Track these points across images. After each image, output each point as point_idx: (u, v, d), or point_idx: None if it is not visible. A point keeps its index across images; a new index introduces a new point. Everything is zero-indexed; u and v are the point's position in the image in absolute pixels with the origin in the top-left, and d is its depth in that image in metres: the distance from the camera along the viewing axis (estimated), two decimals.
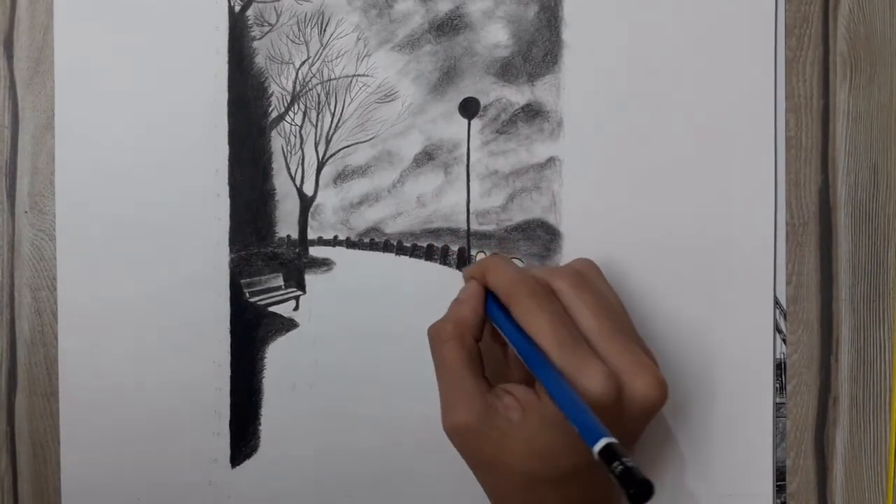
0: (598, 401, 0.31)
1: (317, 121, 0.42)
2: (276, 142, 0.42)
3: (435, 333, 0.36)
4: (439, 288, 0.42)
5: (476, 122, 0.42)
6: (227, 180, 0.42)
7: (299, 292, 0.42)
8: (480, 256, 0.42)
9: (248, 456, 0.42)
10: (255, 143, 0.42)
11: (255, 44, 0.42)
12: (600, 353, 0.33)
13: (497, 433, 0.33)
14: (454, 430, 0.33)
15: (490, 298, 0.36)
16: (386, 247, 0.43)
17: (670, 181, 0.41)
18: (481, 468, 0.35)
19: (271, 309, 0.42)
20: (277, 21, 0.42)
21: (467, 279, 0.38)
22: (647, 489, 0.26)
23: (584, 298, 0.34)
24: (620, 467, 0.26)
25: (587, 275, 0.36)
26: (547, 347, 0.32)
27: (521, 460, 0.33)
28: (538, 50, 0.42)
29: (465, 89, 0.42)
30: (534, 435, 0.32)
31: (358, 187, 0.43)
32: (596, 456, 0.27)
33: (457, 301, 0.37)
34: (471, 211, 0.42)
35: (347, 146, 0.43)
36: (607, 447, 0.27)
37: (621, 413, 0.32)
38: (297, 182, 0.43)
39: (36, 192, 0.43)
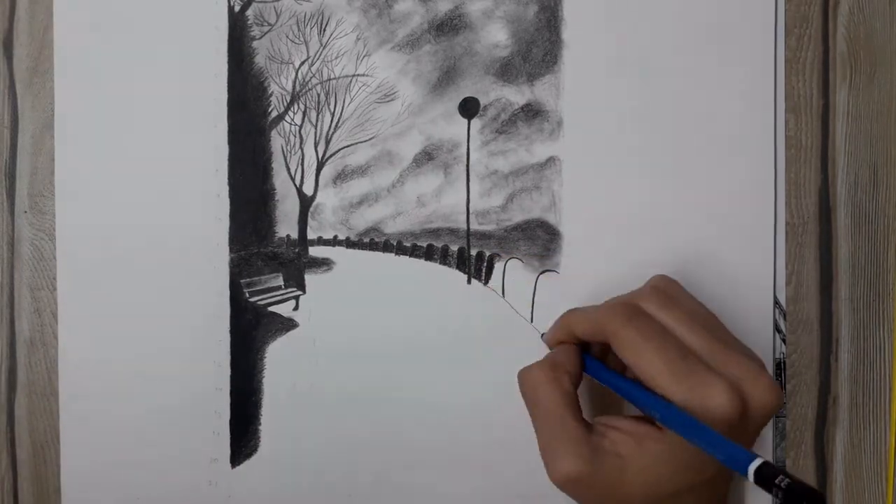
0: (729, 418, 0.31)
1: (316, 121, 0.42)
2: (276, 142, 0.42)
3: (529, 377, 0.35)
4: (439, 288, 0.42)
5: (476, 122, 0.42)
6: (227, 180, 0.42)
7: (299, 292, 0.42)
8: (487, 255, 0.42)
9: (248, 456, 0.42)
10: (255, 143, 0.42)
11: (255, 44, 0.42)
12: (712, 365, 0.32)
13: (611, 473, 0.32)
14: (565, 481, 0.33)
15: (589, 360, 0.36)
16: (386, 247, 0.43)
17: (670, 181, 0.41)
18: None
19: (271, 309, 0.42)
20: (277, 21, 0.42)
21: (553, 345, 0.37)
22: (819, 498, 0.25)
23: (678, 316, 0.34)
24: (786, 481, 0.26)
25: (670, 291, 0.35)
26: (659, 375, 0.32)
27: (642, 489, 0.32)
28: (538, 50, 0.42)
29: (465, 89, 0.42)
30: (655, 462, 0.32)
31: (358, 187, 0.43)
32: (751, 480, 0.27)
33: (550, 354, 0.37)
34: (470, 211, 0.42)
35: (347, 146, 0.43)
36: (761, 468, 0.27)
37: (746, 423, 0.32)
38: (297, 182, 0.43)
39: (36, 192, 0.43)
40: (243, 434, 0.42)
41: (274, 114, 0.42)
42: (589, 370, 0.36)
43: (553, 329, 0.38)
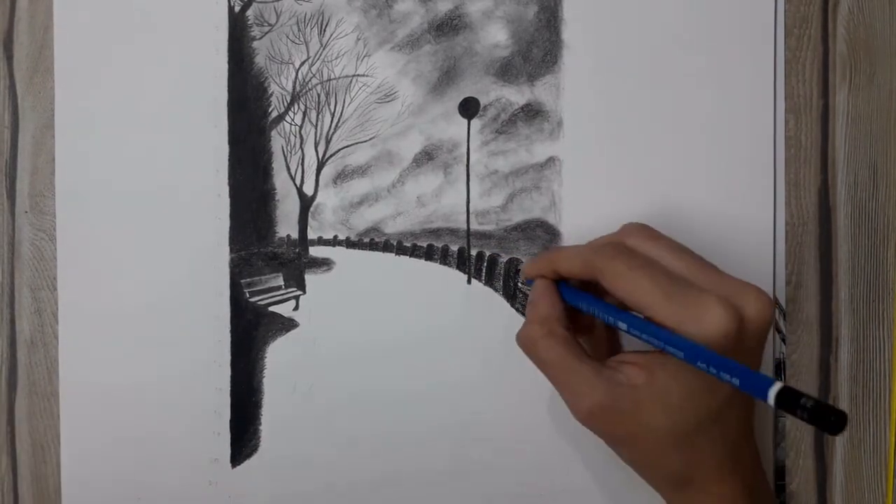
0: (726, 331, 0.31)
1: (317, 121, 0.42)
2: (276, 142, 0.42)
3: (524, 338, 0.35)
4: (439, 288, 0.42)
5: (476, 122, 0.42)
6: (227, 180, 0.42)
7: (299, 292, 0.42)
8: (485, 255, 0.42)
9: (248, 456, 0.42)
10: (255, 143, 0.42)
11: (255, 44, 0.42)
12: (701, 286, 0.32)
13: (629, 402, 0.32)
14: (588, 415, 0.33)
15: (565, 290, 0.36)
16: (386, 247, 0.43)
17: (670, 181, 0.41)
18: (625, 443, 0.34)
19: (271, 309, 0.42)
20: (277, 21, 0.42)
21: (531, 275, 0.37)
22: (842, 418, 0.25)
23: (663, 244, 0.34)
24: (810, 403, 0.26)
25: (646, 229, 0.36)
26: (654, 301, 0.32)
27: (662, 418, 0.32)
28: (538, 50, 0.42)
29: (465, 89, 0.42)
30: (667, 389, 0.32)
31: (358, 187, 0.43)
32: (772, 404, 0.27)
33: (531, 303, 0.37)
34: (470, 211, 0.42)
35: (347, 146, 0.43)
36: (782, 392, 0.26)
37: (743, 341, 0.32)
38: (297, 182, 0.43)
39: (36, 192, 0.43)
40: (243, 434, 0.42)
41: (274, 114, 0.42)
42: (571, 301, 0.36)
43: (535, 262, 0.37)
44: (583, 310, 0.36)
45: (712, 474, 0.34)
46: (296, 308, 0.42)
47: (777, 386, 0.27)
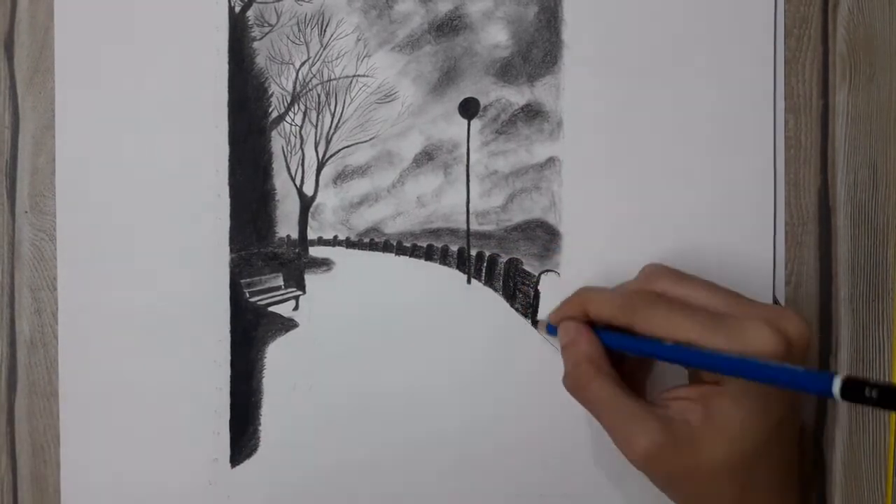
0: (774, 351, 0.31)
1: (317, 121, 0.43)
2: (277, 142, 0.42)
3: (575, 380, 0.35)
4: (439, 288, 0.42)
5: (476, 123, 0.42)
6: (227, 180, 0.42)
7: (299, 292, 0.42)
8: (485, 255, 0.42)
9: (248, 456, 0.42)
10: (256, 144, 0.42)
11: (256, 44, 0.42)
12: (741, 316, 0.32)
13: (686, 438, 0.32)
14: (644, 456, 0.33)
15: (602, 333, 0.36)
16: (386, 247, 0.43)
17: (670, 181, 0.41)
18: (682, 481, 0.33)
19: (271, 309, 0.42)
20: (278, 21, 0.42)
21: (558, 321, 0.37)
22: None
23: (693, 284, 0.34)
24: (875, 390, 0.26)
25: (670, 270, 0.36)
26: (700, 337, 0.31)
27: (721, 450, 0.32)
28: (538, 50, 0.42)
29: (465, 90, 0.42)
30: (724, 419, 0.32)
31: (358, 187, 0.43)
32: (837, 397, 0.27)
33: (567, 346, 0.36)
34: (470, 211, 0.42)
35: (347, 146, 0.43)
36: (846, 383, 0.26)
37: (790, 360, 0.32)
38: (298, 182, 0.43)
39: (36, 192, 0.43)
40: (243, 434, 0.42)
41: (274, 114, 0.43)
42: (616, 345, 0.36)
43: (564, 305, 0.37)
44: (629, 352, 0.35)
45: (765, 499, 0.33)
46: (296, 308, 0.42)
47: (839, 378, 0.27)
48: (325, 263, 0.43)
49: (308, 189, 0.43)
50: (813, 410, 0.42)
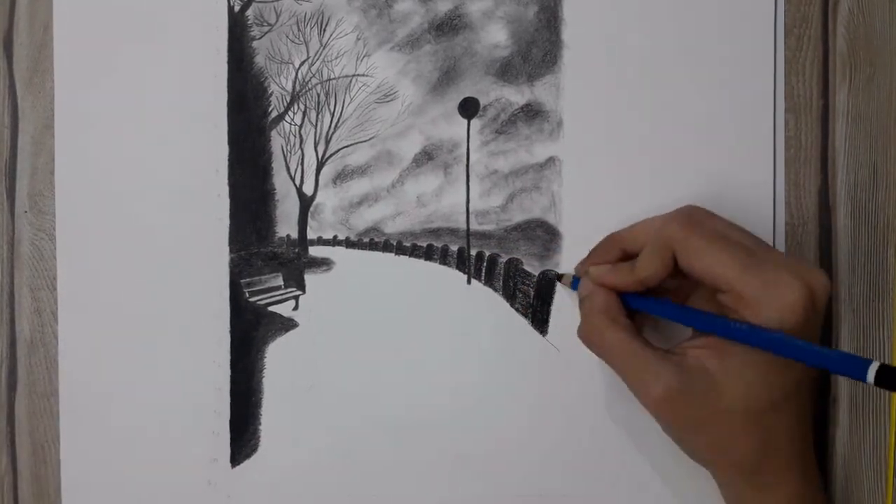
0: (805, 305, 0.31)
1: (316, 121, 0.42)
2: (276, 142, 0.42)
3: (589, 332, 0.36)
4: (439, 288, 0.42)
5: (476, 122, 0.42)
6: (227, 180, 0.42)
7: (299, 292, 0.42)
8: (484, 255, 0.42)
9: (248, 456, 0.42)
10: (255, 143, 0.42)
11: (255, 44, 0.42)
12: (773, 260, 0.32)
13: (702, 385, 0.32)
14: (659, 401, 0.33)
15: (627, 297, 0.36)
16: (386, 247, 0.43)
17: (670, 181, 0.41)
18: (696, 429, 0.34)
19: (271, 309, 0.42)
20: (277, 21, 0.42)
21: (597, 261, 0.38)
22: None
23: (724, 221, 0.34)
24: None
25: (701, 210, 0.36)
26: (733, 276, 0.32)
27: (737, 399, 0.32)
28: (538, 50, 0.42)
29: (465, 89, 0.42)
30: (740, 369, 0.32)
31: (357, 187, 0.43)
32: (871, 383, 0.28)
33: (583, 301, 0.37)
34: (470, 211, 0.42)
35: (347, 146, 0.43)
36: (882, 370, 0.27)
37: (813, 314, 0.32)
38: (297, 182, 0.43)
39: (36, 192, 0.43)
40: (243, 434, 0.42)
41: (274, 114, 0.42)
42: (645, 308, 0.36)
43: (594, 252, 0.38)
44: (651, 313, 0.36)
45: (782, 459, 0.34)
46: (295, 308, 0.42)
47: (875, 365, 0.28)
48: (324, 263, 0.43)
49: (308, 189, 0.43)
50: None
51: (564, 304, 0.41)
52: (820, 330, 0.34)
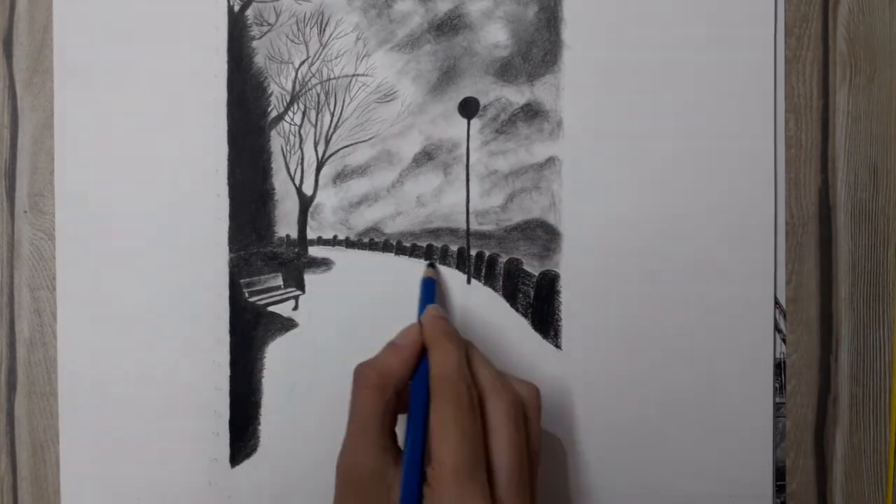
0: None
1: (316, 120, 0.42)
2: (276, 141, 0.42)
3: (358, 377, 0.35)
4: (439, 288, 0.42)
5: (475, 122, 0.42)
6: (226, 180, 0.42)
7: (299, 292, 0.42)
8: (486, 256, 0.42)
9: (248, 456, 0.42)
10: (255, 143, 0.42)
11: (255, 43, 0.42)
12: (498, 496, 0.32)
13: (385, 489, 0.33)
14: (347, 470, 0.34)
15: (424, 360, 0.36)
16: (385, 247, 0.43)
17: (670, 181, 0.41)
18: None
19: (271, 309, 0.42)
20: (277, 21, 0.42)
21: (421, 324, 0.37)
22: None
23: (511, 437, 0.33)
24: None
25: (527, 408, 0.35)
26: (441, 462, 0.32)
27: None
28: (538, 50, 0.42)
29: (465, 89, 0.42)
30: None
31: (357, 187, 0.43)
32: None
33: (392, 345, 0.36)
34: (470, 211, 0.42)
35: (347, 146, 0.43)
36: None
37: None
38: (297, 182, 0.42)
39: (36, 192, 0.43)
40: (243, 434, 0.42)
41: (273, 114, 0.42)
42: (421, 367, 0.36)
43: (428, 320, 0.37)
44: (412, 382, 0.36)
45: None
46: (295, 308, 0.42)
47: None
48: (324, 263, 0.43)
49: (307, 189, 0.43)
50: (813, 410, 0.42)
51: (564, 304, 0.41)
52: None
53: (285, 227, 0.43)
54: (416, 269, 0.42)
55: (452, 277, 0.42)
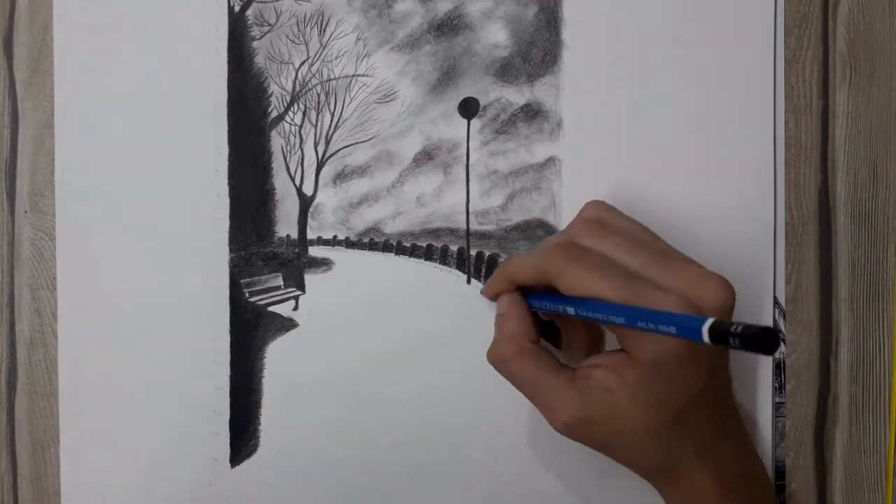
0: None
1: (316, 121, 0.42)
2: (276, 142, 0.42)
3: (496, 359, 0.36)
4: (439, 288, 0.42)
5: (475, 122, 0.42)
6: (226, 180, 0.42)
7: (299, 292, 0.42)
8: (485, 255, 0.42)
9: (248, 456, 0.42)
10: (255, 143, 0.42)
11: (255, 44, 0.42)
12: (658, 283, 0.32)
13: (603, 409, 0.33)
14: (565, 428, 0.34)
15: (531, 297, 0.36)
16: (385, 247, 0.43)
17: (670, 181, 0.41)
18: (605, 447, 0.35)
19: (271, 309, 0.42)
20: (277, 21, 0.42)
21: (493, 296, 0.38)
22: (774, 337, 0.25)
23: (615, 242, 0.34)
24: (740, 327, 0.25)
25: (604, 218, 0.36)
26: (609, 301, 0.32)
27: (637, 419, 0.33)
28: (538, 50, 0.42)
29: (465, 89, 0.42)
30: (637, 388, 0.32)
31: (357, 187, 0.43)
32: (707, 341, 0.26)
33: (498, 318, 0.37)
34: (470, 211, 0.42)
35: (347, 146, 0.43)
36: (714, 327, 0.26)
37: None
38: (297, 182, 0.43)
39: (36, 192, 0.43)
40: (243, 434, 0.42)
41: (274, 114, 0.42)
42: (537, 304, 0.36)
43: (493, 281, 0.38)
44: (549, 311, 0.36)
45: (691, 459, 0.34)
46: (295, 308, 0.42)
47: (709, 322, 0.27)
48: (324, 263, 0.43)
49: (308, 189, 0.43)
50: (813, 410, 0.42)
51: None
52: (720, 352, 0.35)
53: (285, 227, 0.43)
54: (416, 268, 0.42)
55: (452, 277, 0.42)
